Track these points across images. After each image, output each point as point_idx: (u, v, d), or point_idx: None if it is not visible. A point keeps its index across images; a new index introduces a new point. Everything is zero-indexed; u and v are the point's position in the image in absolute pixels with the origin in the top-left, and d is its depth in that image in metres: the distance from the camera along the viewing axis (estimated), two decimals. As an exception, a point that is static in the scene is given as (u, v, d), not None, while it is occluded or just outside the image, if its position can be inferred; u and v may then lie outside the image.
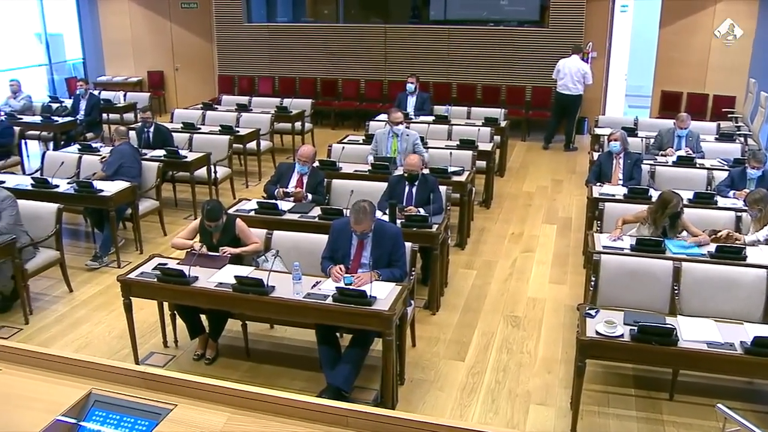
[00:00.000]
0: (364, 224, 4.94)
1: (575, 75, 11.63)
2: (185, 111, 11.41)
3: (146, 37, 15.42)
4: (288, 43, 14.23)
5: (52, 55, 15.52)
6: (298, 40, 14.16)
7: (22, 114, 11.42)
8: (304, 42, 14.11)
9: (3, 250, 5.87)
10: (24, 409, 3.14)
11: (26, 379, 3.37)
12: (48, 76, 15.51)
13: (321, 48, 14.02)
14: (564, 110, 11.96)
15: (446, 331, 5.93)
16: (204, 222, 5.38)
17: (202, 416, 3.06)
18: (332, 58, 13.98)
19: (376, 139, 8.23)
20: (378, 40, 13.63)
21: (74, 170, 8.10)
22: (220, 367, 5.38)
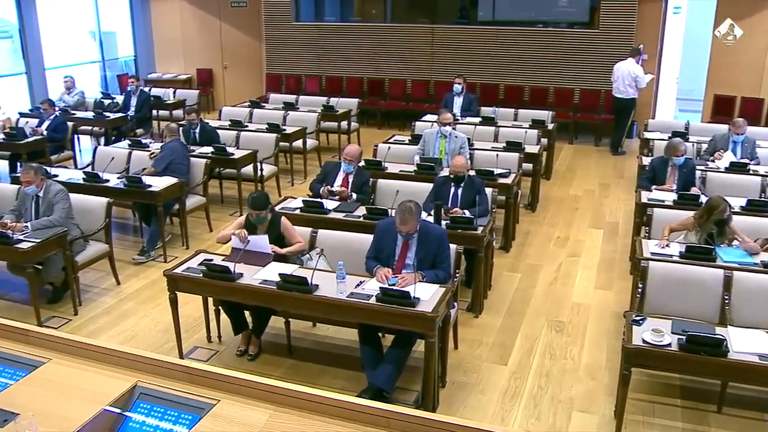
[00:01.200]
0: (410, 224, 4.93)
1: (626, 78, 11.46)
2: (233, 108, 11.54)
3: (196, 35, 15.63)
4: (335, 42, 14.29)
5: (105, 53, 15.85)
6: (346, 40, 14.21)
7: (76, 109, 11.70)
8: (352, 41, 14.16)
9: (55, 242, 6.01)
10: (72, 398, 3.20)
11: (75, 369, 3.43)
12: (101, 73, 15.84)
13: (368, 47, 14.05)
14: (618, 113, 11.80)
15: (489, 334, 5.89)
16: (249, 212, 5.42)
17: (245, 412, 3.09)
18: (379, 57, 14.00)
19: (424, 139, 8.21)
20: (425, 40, 13.60)
21: (124, 165, 8.25)
22: (263, 364, 5.42)
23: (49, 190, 6.28)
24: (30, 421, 2.91)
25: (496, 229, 7.12)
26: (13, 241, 5.80)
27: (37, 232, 6.00)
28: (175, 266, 5.25)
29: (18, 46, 13.47)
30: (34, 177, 6.21)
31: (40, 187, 6.24)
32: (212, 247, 6.68)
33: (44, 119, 10.13)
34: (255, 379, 3.19)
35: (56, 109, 10.43)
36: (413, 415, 2.88)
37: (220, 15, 15.42)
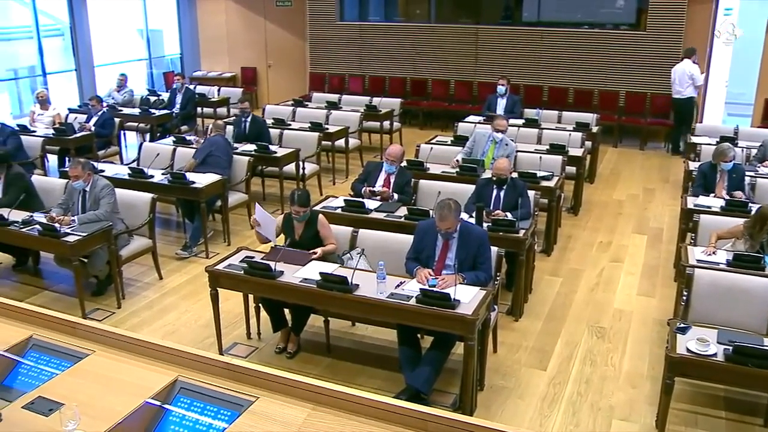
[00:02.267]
0: (449, 221, 4.90)
1: (683, 79, 11.28)
2: (276, 107, 11.63)
3: (241, 33, 15.78)
4: (379, 42, 14.31)
5: (152, 50, 16.09)
6: (389, 40, 14.21)
7: (123, 106, 11.90)
8: (395, 41, 14.16)
9: (100, 236, 6.12)
10: (115, 390, 3.26)
11: (118, 362, 3.49)
12: (147, 70, 16.09)
13: (411, 47, 14.04)
14: (677, 114, 11.61)
15: (529, 338, 5.84)
16: (292, 209, 5.45)
17: (283, 410, 3.10)
18: (422, 57, 13.98)
19: (474, 139, 8.17)
20: (469, 40, 13.55)
21: (168, 161, 8.37)
22: (301, 362, 5.44)
23: (95, 184, 6.40)
24: (74, 411, 2.96)
25: (538, 233, 7.07)
26: (60, 234, 5.92)
27: (84, 226, 6.11)
28: (216, 262, 5.30)
29: (69, 44, 13.76)
30: (82, 172, 6.33)
31: (87, 182, 6.36)
32: (253, 244, 6.72)
33: (92, 115, 10.33)
34: (294, 377, 3.20)
35: (104, 105, 10.63)
36: (451, 418, 2.87)
37: (265, 14, 15.55)
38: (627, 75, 12.53)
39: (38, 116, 10.54)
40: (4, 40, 13.73)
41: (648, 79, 12.32)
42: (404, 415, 2.95)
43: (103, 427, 2.98)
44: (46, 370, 3.50)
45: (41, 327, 3.80)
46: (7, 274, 7.17)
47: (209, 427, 3.09)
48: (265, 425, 3.02)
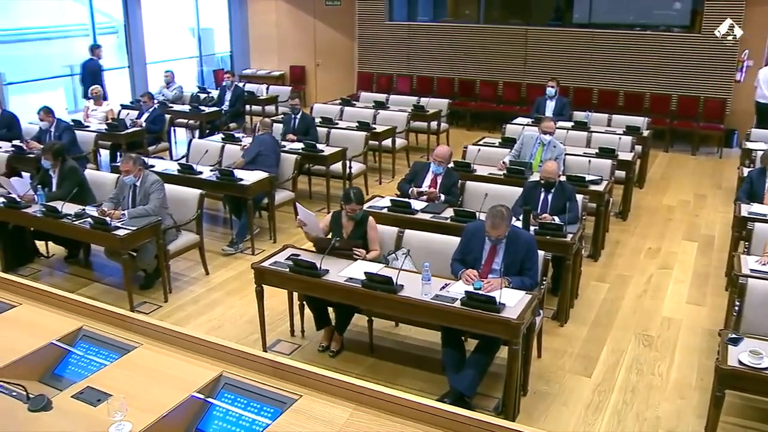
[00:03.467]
0: (500, 229, 4.86)
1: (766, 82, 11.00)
2: (324, 106, 11.69)
3: (290, 32, 15.90)
4: (427, 42, 14.28)
5: (203, 48, 16.31)
6: (438, 40, 14.17)
7: (174, 103, 12.09)
8: (444, 41, 14.11)
9: (149, 230, 6.21)
10: (161, 383, 3.29)
11: (164, 355, 3.53)
12: (198, 68, 16.31)
13: (460, 48, 13.97)
14: (760, 118, 11.32)
15: (574, 344, 5.75)
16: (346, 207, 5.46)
17: (326, 409, 3.11)
18: (471, 58, 13.90)
19: (522, 141, 8.10)
20: (518, 41, 13.43)
21: (217, 158, 8.47)
22: (344, 361, 5.45)
23: (146, 180, 6.50)
24: (121, 402, 3.01)
25: (585, 237, 6.95)
26: (111, 228, 6.03)
27: (133, 220, 6.21)
28: (262, 259, 5.34)
29: (122, 42, 14.02)
30: (133, 167, 6.43)
31: (137, 177, 6.46)
32: (299, 242, 6.76)
33: (144, 111, 10.51)
34: (337, 376, 3.20)
35: (155, 102, 10.80)
36: (493, 423, 2.84)
37: (314, 13, 15.64)
38: (680, 78, 12.28)
39: (92, 112, 10.77)
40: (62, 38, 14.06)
41: (702, 83, 12.06)
42: (447, 419, 2.93)
43: (149, 419, 3.01)
44: (95, 360, 3.56)
45: (91, 318, 3.87)
46: (60, 266, 7.34)
47: (252, 423, 3.11)
48: (307, 424, 3.02)
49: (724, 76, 11.65)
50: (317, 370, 3.26)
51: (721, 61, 11.69)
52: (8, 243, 7.02)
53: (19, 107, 11.83)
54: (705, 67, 11.95)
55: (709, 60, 11.90)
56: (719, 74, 11.74)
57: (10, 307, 4.07)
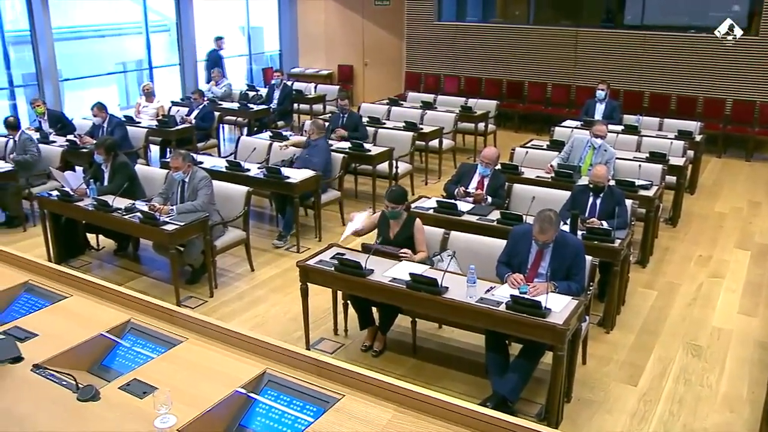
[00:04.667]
0: (548, 234, 4.80)
1: None
2: (372, 105, 11.71)
3: (339, 31, 15.96)
4: (476, 42, 14.20)
5: (252, 47, 16.50)
6: (487, 40, 14.08)
7: (223, 100, 12.22)
8: (492, 42, 14.01)
9: (197, 226, 6.29)
10: (205, 378, 3.33)
11: (209, 350, 3.57)
12: (247, 66, 16.51)
13: (509, 49, 13.87)
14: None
15: (620, 351, 5.65)
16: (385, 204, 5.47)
17: (368, 410, 3.10)
18: (520, 59, 13.78)
19: (572, 144, 7.99)
20: (568, 43, 13.27)
21: (264, 156, 8.54)
22: (386, 361, 5.44)
23: (194, 176, 6.58)
24: (166, 396, 3.04)
25: (634, 243, 6.83)
26: (159, 222, 6.12)
27: (182, 215, 6.29)
28: (307, 258, 5.36)
29: (174, 40, 14.26)
30: (182, 163, 6.52)
31: (186, 173, 6.55)
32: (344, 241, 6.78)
33: (193, 108, 10.66)
34: (380, 377, 3.20)
35: (205, 99, 10.94)
36: (536, 430, 2.80)
37: (363, 13, 15.67)
38: (735, 82, 11.99)
39: (143, 108, 10.96)
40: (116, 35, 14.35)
41: (758, 87, 11.75)
42: (489, 423, 2.90)
43: (193, 414, 3.05)
44: (142, 353, 3.62)
45: (139, 312, 3.94)
46: (109, 258, 7.48)
47: (295, 421, 3.12)
48: (349, 424, 3.02)
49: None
50: (360, 370, 3.26)
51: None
52: (61, 235, 7.18)
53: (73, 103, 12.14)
54: (762, 70, 11.63)
55: (766, 63, 11.59)
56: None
57: (62, 298, 4.16)
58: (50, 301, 4.15)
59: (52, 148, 8.73)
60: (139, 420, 3.02)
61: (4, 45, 11.63)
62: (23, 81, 11.99)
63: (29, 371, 3.39)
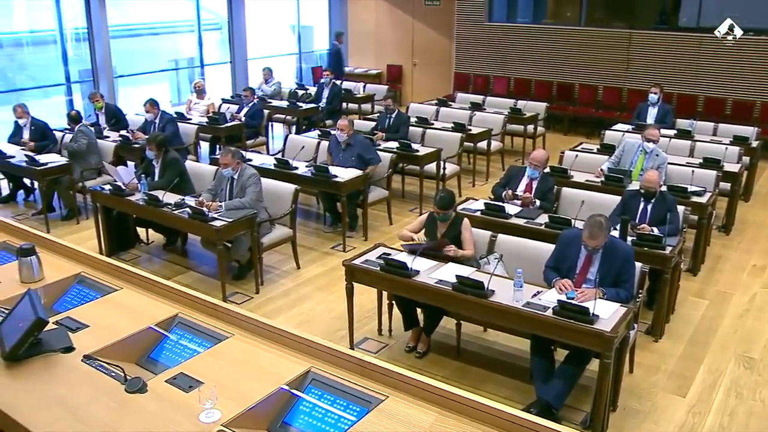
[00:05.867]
0: (598, 240, 4.73)
1: None
2: (420, 105, 11.68)
3: (389, 31, 15.96)
4: (526, 44, 14.07)
5: (302, 45, 16.61)
6: (537, 42, 13.94)
7: (272, 98, 12.33)
8: (543, 44, 13.87)
9: (245, 223, 6.34)
10: (250, 374, 3.36)
11: (254, 347, 3.60)
12: (297, 65, 16.63)
13: (560, 51, 13.70)
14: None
15: (668, 361, 5.53)
16: (433, 213, 5.45)
17: (411, 412, 3.09)
18: (571, 61, 13.61)
19: (624, 148, 7.86)
20: (621, 45, 13.05)
21: (313, 154, 8.57)
22: (430, 363, 5.42)
23: (243, 173, 6.64)
24: (212, 390, 3.07)
25: (685, 251, 6.68)
26: (208, 218, 6.19)
27: (230, 212, 6.36)
28: (354, 257, 5.37)
29: (226, 38, 14.44)
30: (231, 160, 6.59)
31: (235, 170, 6.61)
32: (390, 240, 6.78)
33: (243, 106, 10.78)
34: (424, 379, 3.18)
35: (255, 97, 11.04)
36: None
37: (413, 13, 15.66)
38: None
39: (194, 105, 11.13)
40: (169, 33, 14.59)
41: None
42: (534, 430, 2.87)
43: (238, 409, 3.07)
44: (189, 347, 3.66)
45: (187, 306, 3.99)
46: (158, 252, 7.60)
47: (338, 420, 3.12)
48: (392, 425, 3.01)
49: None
50: (404, 371, 3.25)
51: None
52: (112, 229, 7.32)
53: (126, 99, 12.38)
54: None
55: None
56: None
57: (113, 290, 4.24)
58: (101, 293, 4.23)
59: (106, 143, 8.91)
60: (184, 413, 3.06)
61: (63, 42, 11.92)
62: (79, 77, 12.26)
63: (80, 361, 3.46)
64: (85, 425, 3.00)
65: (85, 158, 8.48)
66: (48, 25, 11.90)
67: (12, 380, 3.32)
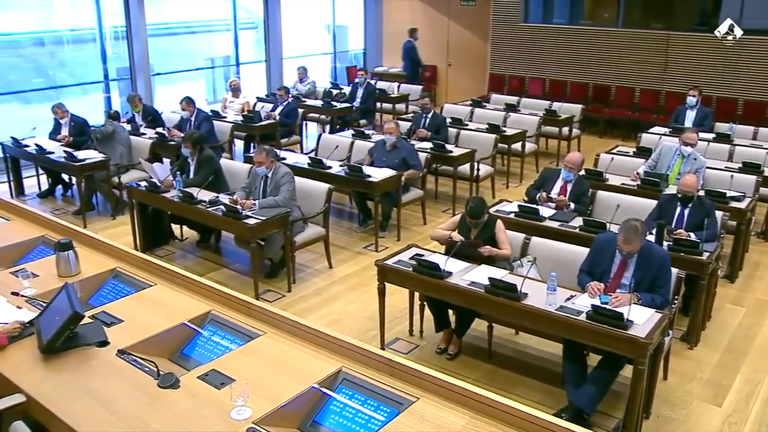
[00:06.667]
0: (634, 245, 4.66)
1: None
2: (454, 106, 11.63)
3: (424, 31, 15.90)
4: (562, 45, 13.93)
5: (337, 45, 16.66)
6: (573, 43, 13.80)
7: (306, 97, 12.37)
8: (579, 45, 13.72)
9: (278, 221, 6.37)
10: (282, 373, 3.38)
11: (286, 345, 3.62)
12: (331, 64, 16.68)
13: (596, 52, 13.55)
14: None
15: (703, 369, 5.44)
16: (465, 218, 5.44)
17: (442, 414, 3.09)
18: (607, 63, 13.45)
19: (661, 152, 7.74)
20: (659, 47, 12.86)
21: (346, 154, 8.59)
22: (461, 365, 5.39)
23: (277, 171, 6.67)
24: (243, 388, 3.09)
25: (723, 257, 6.57)
26: (241, 216, 6.23)
27: (263, 210, 6.39)
28: (386, 257, 5.36)
29: (261, 37, 14.53)
30: (266, 158, 6.62)
31: (269, 169, 6.65)
32: (423, 241, 6.76)
33: (278, 105, 10.84)
34: (455, 382, 3.18)
35: (290, 96, 11.09)
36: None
37: (448, 13, 15.61)
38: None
39: (229, 103, 11.22)
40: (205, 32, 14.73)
41: None
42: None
43: (269, 407, 3.09)
44: (221, 344, 3.70)
45: (220, 303, 4.02)
46: (192, 249, 7.67)
47: (368, 420, 3.12)
48: (423, 427, 3.01)
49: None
50: (435, 373, 3.24)
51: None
52: (147, 225, 7.40)
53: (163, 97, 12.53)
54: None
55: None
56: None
57: (147, 286, 4.29)
58: (136, 288, 4.29)
59: (142, 140, 9.01)
60: (216, 410, 3.08)
61: (102, 40, 12.09)
62: (117, 75, 12.44)
63: (114, 355, 3.51)
64: (117, 418, 3.04)
65: (112, 147, 8.58)
66: (88, 24, 12.09)
67: (49, 372, 3.38)
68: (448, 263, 5.02)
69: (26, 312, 3.91)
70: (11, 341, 3.58)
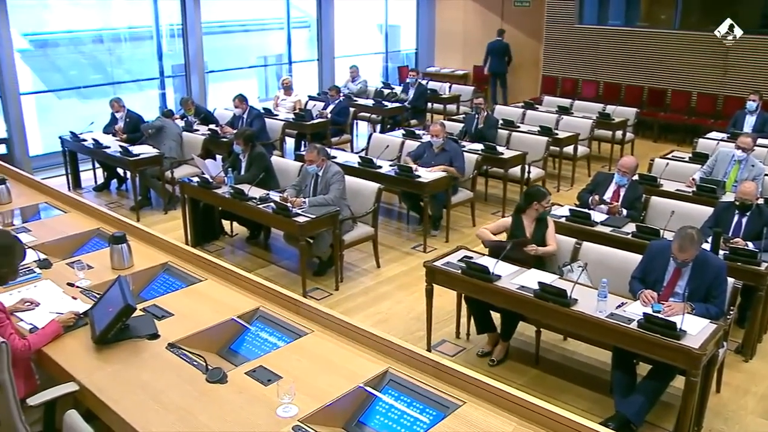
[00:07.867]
0: (688, 253, 4.55)
1: None
2: (506, 108, 11.54)
3: (476, 32, 15.82)
4: (617, 47, 13.69)
5: (389, 45, 16.67)
6: (629, 45, 13.55)
7: (358, 96, 12.41)
8: (635, 47, 13.46)
9: (327, 219, 6.39)
10: (329, 372, 3.39)
11: (333, 344, 3.63)
12: (383, 64, 16.71)
13: (652, 55, 13.27)
14: None
15: (759, 383, 5.28)
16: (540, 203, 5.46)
17: (489, 419, 3.06)
18: (663, 66, 13.17)
19: (717, 158, 7.55)
20: (717, 49, 12.52)
21: (396, 153, 8.58)
22: (507, 369, 5.33)
23: (328, 170, 6.70)
24: (290, 386, 3.11)
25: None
26: (292, 214, 6.27)
27: (313, 208, 6.42)
28: (435, 258, 5.33)
29: (314, 36, 14.63)
30: (317, 157, 6.66)
31: (320, 167, 6.68)
32: (472, 243, 6.71)
33: (329, 103, 10.89)
34: (502, 387, 3.14)
35: (341, 95, 11.13)
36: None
37: (502, 14, 15.48)
38: None
39: (281, 101, 11.32)
40: (259, 30, 14.89)
41: None
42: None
43: (315, 406, 3.10)
44: (269, 341, 3.73)
45: (268, 300, 4.05)
46: (241, 245, 7.75)
47: (414, 422, 3.11)
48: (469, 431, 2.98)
49: None
50: (481, 377, 3.21)
51: None
52: (199, 220, 7.51)
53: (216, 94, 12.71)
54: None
55: None
56: None
57: (197, 281, 4.35)
58: (186, 282, 4.35)
59: (195, 137, 9.15)
60: (262, 406, 3.11)
61: (158, 38, 12.32)
62: (172, 72, 12.66)
63: (164, 348, 3.56)
64: (166, 410, 3.09)
65: (162, 141, 8.75)
66: (145, 22, 12.33)
67: (101, 362, 3.45)
68: (498, 266, 4.97)
69: (80, 303, 4.00)
70: (66, 331, 3.66)
